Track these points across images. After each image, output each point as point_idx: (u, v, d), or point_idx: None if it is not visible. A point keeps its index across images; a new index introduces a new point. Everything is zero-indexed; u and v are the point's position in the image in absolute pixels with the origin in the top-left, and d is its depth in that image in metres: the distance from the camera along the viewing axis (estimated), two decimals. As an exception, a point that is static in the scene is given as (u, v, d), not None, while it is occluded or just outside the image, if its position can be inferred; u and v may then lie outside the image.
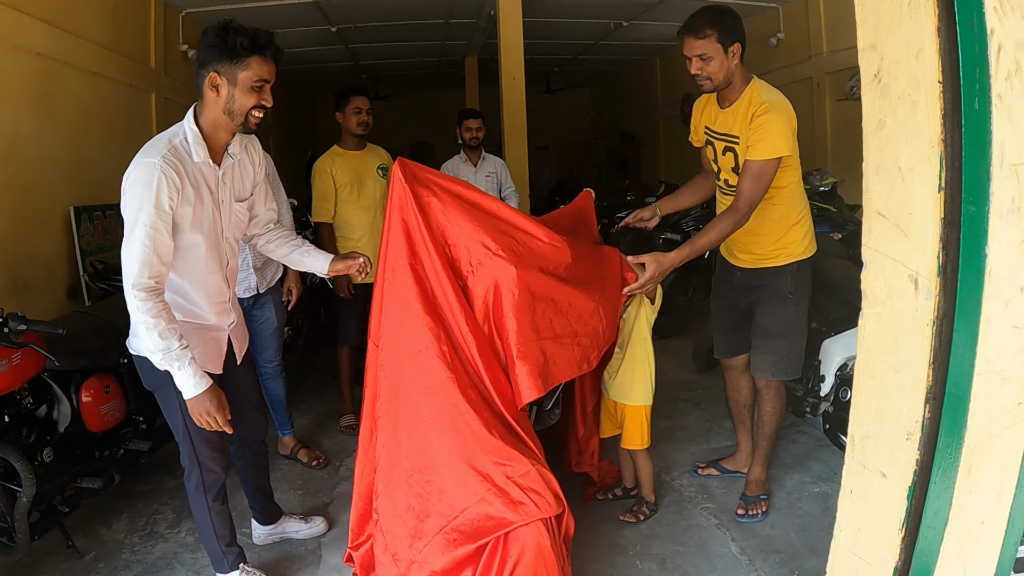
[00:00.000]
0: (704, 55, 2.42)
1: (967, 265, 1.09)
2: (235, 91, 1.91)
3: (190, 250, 2.00)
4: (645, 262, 2.40)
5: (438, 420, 2.04)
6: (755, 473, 2.87)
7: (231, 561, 2.33)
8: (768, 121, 2.38)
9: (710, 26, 2.40)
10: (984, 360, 1.13)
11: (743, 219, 2.44)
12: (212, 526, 2.25)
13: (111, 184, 4.71)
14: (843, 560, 1.35)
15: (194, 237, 1.98)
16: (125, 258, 1.85)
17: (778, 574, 2.42)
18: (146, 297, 1.83)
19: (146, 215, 1.83)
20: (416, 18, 6.97)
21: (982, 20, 1.08)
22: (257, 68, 1.90)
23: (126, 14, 4.88)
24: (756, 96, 2.47)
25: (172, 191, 1.86)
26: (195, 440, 2.14)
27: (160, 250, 1.86)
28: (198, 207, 1.97)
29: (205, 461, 2.17)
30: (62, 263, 3.98)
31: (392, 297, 2.14)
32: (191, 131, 1.96)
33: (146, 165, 1.84)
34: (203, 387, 1.94)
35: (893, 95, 1.17)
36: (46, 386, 2.56)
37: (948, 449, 1.14)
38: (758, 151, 2.41)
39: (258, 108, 1.96)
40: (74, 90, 4.21)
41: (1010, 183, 1.11)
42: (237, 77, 1.89)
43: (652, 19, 7.46)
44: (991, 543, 1.27)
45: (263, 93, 1.94)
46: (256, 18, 6.28)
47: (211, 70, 1.89)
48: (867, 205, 1.26)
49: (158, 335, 1.84)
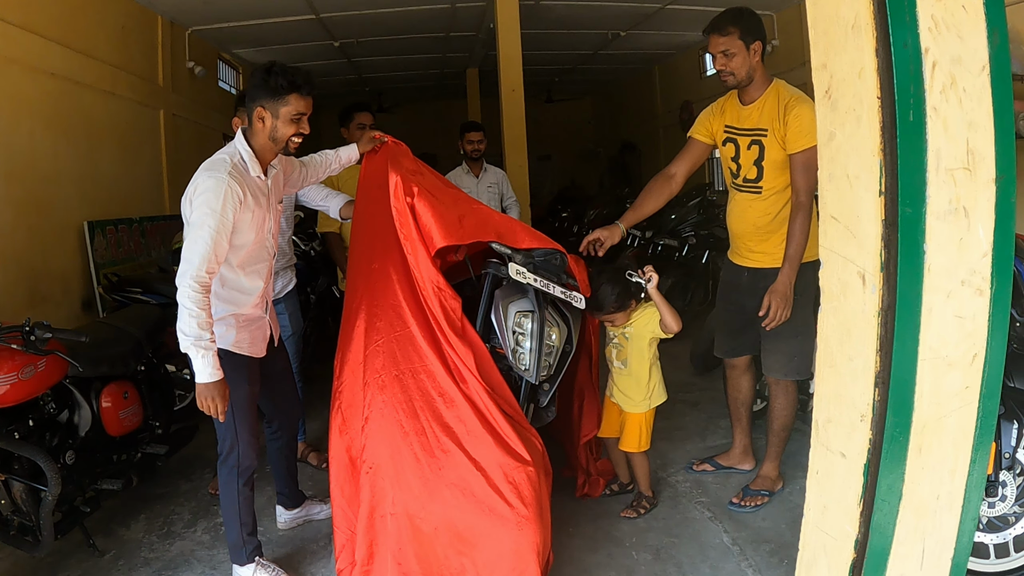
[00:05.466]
0: (728, 51, 2.56)
1: (906, 261, 1.21)
2: (277, 123, 2.25)
3: (243, 247, 2.31)
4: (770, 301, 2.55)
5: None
6: (767, 469, 2.95)
7: (249, 551, 2.48)
8: (804, 112, 2.49)
9: (732, 24, 2.54)
10: (928, 347, 1.24)
11: (810, 210, 2.52)
12: (239, 511, 2.44)
13: (123, 199, 4.95)
14: (812, 536, 1.46)
15: (248, 236, 2.30)
16: (186, 253, 2.11)
17: (768, 563, 2.52)
18: (199, 289, 2.09)
19: (213, 220, 2.12)
20: (417, 32, 7.14)
21: (916, 40, 1.20)
22: (295, 104, 2.24)
23: (135, 33, 5.07)
24: (784, 91, 2.60)
25: (236, 202, 2.17)
26: (238, 425, 2.37)
27: (218, 251, 2.15)
28: (256, 212, 2.30)
29: (243, 446, 2.39)
30: (77, 276, 4.14)
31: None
32: (246, 152, 2.28)
33: (216, 179, 2.16)
34: (217, 377, 2.15)
35: (841, 110, 1.30)
36: (68, 392, 2.69)
37: (897, 429, 1.25)
38: (801, 141, 2.50)
39: (297, 135, 2.30)
40: (86, 109, 4.38)
41: (947, 187, 1.23)
42: (279, 111, 2.24)
43: (650, 29, 7.61)
44: (947, 518, 1.38)
45: (301, 124, 2.28)
46: (261, 35, 6.46)
47: (257, 105, 2.23)
48: (822, 209, 1.38)
49: (197, 324, 2.08)
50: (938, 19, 1.19)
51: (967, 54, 1.22)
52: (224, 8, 5.61)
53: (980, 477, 1.34)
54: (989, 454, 1.37)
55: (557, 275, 2.51)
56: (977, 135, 1.23)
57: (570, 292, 2.50)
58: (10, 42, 3.61)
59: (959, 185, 1.24)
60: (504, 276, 2.45)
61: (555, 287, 2.47)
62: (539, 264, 2.48)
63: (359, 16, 6.23)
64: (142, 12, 5.15)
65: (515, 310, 2.44)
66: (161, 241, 4.61)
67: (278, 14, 5.94)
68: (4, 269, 3.57)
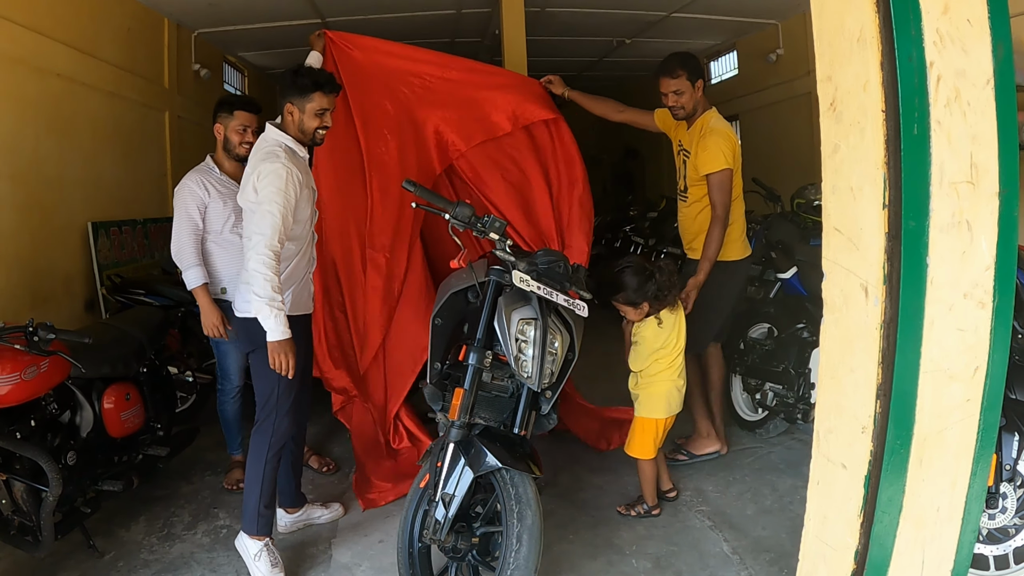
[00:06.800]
0: (678, 91, 3.10)
1: (909, 274, 1.22)
2: (304, 117, 2.53)
3: (302, 223, 2.58)
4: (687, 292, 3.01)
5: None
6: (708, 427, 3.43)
7: (261, 525, 2.55)
8: (712, 142, 3.05)
9: (681, 68, 3.07)
10: (930, 359, 1.25)
11: (723, 222, 3.06)
12: (261, 481, 2.53)
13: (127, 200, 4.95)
14: (812, 547, 1.47)
15: (306, 211, 2.58)
16: (259, 227, 2.37)
17: (768, 572, 2.52)
18: (272, 256, 2.33)
19: (281, 198, 2.38)
20: (422, 37, 7.13)
21: (921, 54, 1.21)
22: (319, 100, 2.52)
23: (140, 35, 5.07)
24: (708, 122, 3.13)
25: (296, 184, 2.45)
26: (281, 395, 2.53)
27: (285, 225, 2.41)
28: (306, 192, 2.56)
29: (281, 415, 2.55)
30: (80, 277, 4.15)
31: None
32: (288, 139, 2.55)
33: (279, 164, 2.42)
34: (288, 335, 2.36)
35: (845, 122, 1.30)
36: (70, 393, 2.70)
37: (898, 441, 1.26)
38: (709, 165, 3.06)
39: (322, 128, 2.57)
40: (91, 110, 4.39)
41: (949, 200, 1.24)
42: (305, 107, 2.52)
43: (654, 36, 7.62)
44: (947, 529, 1.38)
45: (324, 118, 2.57)
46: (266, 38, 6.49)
47: (287, 102, 2.53)
48: (826, 221, 1.39)
49: (271, 287, 2.31)
50: (943, 32, 1.20)
51: (971, 67, 1.22)
52: (230, 11, 5.61)
53: (980, 489, 1.34)
54: (990, 466, 1.36)
55: (560, 283, 2.51)
56: (981, 148, 1.24)
57: (573, 300, 2.51)
58: (15, 42, 3.62)
59: (962, 198, 1.24)
60: (508, 283, 2.46)
61: (558, 295, 2.47)
62: (542, 272, 2.49)
63: (364, 21, 6.24)
64: (148, 14, 5.16)
65: (518, 317, 2.44)
66: (164, 243, 4.60)
67: (284, 18, 5.94)
68: (7, 270, 3.58)
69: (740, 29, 7.53)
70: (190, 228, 3.09)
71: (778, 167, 6.59)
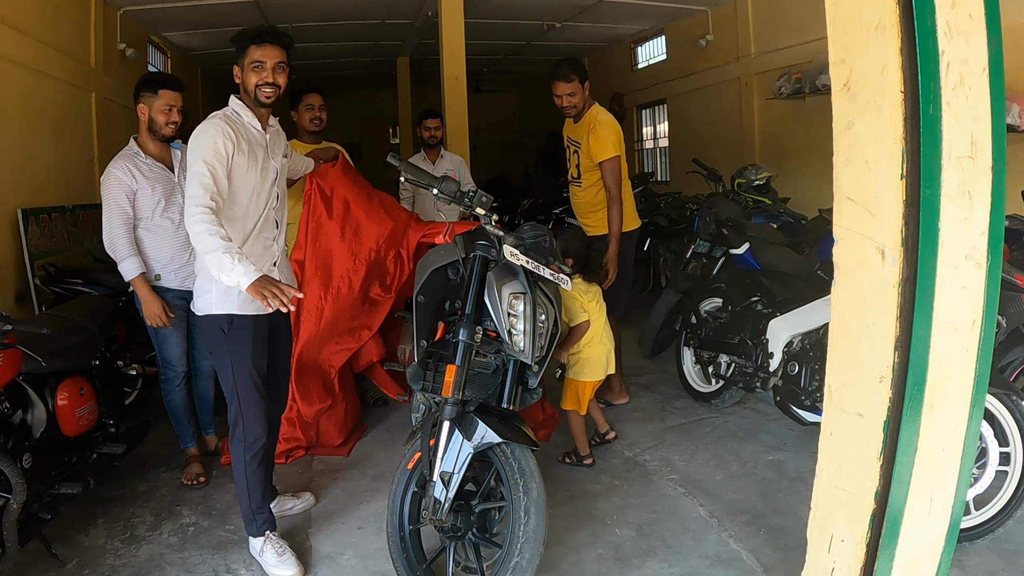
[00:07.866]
0: (572, 93, 3.56)
1: (925, 237, 1.36)
2: (244, 74, 2.42)
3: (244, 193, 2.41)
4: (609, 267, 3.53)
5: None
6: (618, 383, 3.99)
7: (259, 524, 2.53)
8: (602, 132, 3.55)
9: (574, 73, 3.54)
10: (939, 314, 1.40)
11: (619, 201, 3.59)
12: (247, 484, 2.50)
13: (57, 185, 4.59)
14: (827, 494, 1.60)
15: (247, 182, 2.41)
16: (188, 187, 2.21)
17: (746, 532, 2.68)
18: (207, 212, 2.14)
19: (208, 153, 2.24)
20: (355, 18, 6.99)
21: (935, 43, 1.35)
22: (252, 53, 2.39)
23: (68, 11, 4.75)
24: (595, 116, 3.62)
25: (226, 139, 2.31)
26: (242, 397, 2.45)
27: (216, 178, 2.24)
28: (252, 159, 2.42)
29: (249, 419, 2.46)
30: (10, 267, 3.82)
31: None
32: (238, 105, 2.46)
33: (208, 123, 2.34)
34: (258, 274, 2.09)
35: (861, 101, 1.43)
36: (21, 390, 2.50)
37: (915, 388, 1.40)
38: (601, 153, 3.55)
39: (264, 85, 2.40)
40: (20, 90, 4.06)
41: (956, 172, 1.39)
42: (243, 64, 2.41)
43: (585, 21, 7.78)
44: (950, 468, 1.56)
45: (262, 72, 2.39)
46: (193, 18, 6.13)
47: (235, 66, 2.43)
48: (837, 191, 1.51)
49: (219, 237, 2.11)
50: (951, 25, 1.34)
51: (972, 56, 1.38)
52: (156, -13, 5.32)
53: (975, 431, 1.52)
54: (983, 409, 1.54)
55: (545, 257, 2.57)
56: (979, 128, 1.40)
57: (558, 274, 2.57)
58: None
59: (965, 171, 1.40)
60: (494, 258, 2.48)
61: (544, 269, 2.52)
62: (529, 246, 2.53)
63: (298, 1, 6.04)
64: (76, -12, 4.81)
65: (508, 292, 2.47)
66: (94, 231, 4.28)
67: (210, -4, 5.66)
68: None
69: (670, 15, 7.78)
70: (121, 218, 2.98)
71: (708, 149, 6.89)
